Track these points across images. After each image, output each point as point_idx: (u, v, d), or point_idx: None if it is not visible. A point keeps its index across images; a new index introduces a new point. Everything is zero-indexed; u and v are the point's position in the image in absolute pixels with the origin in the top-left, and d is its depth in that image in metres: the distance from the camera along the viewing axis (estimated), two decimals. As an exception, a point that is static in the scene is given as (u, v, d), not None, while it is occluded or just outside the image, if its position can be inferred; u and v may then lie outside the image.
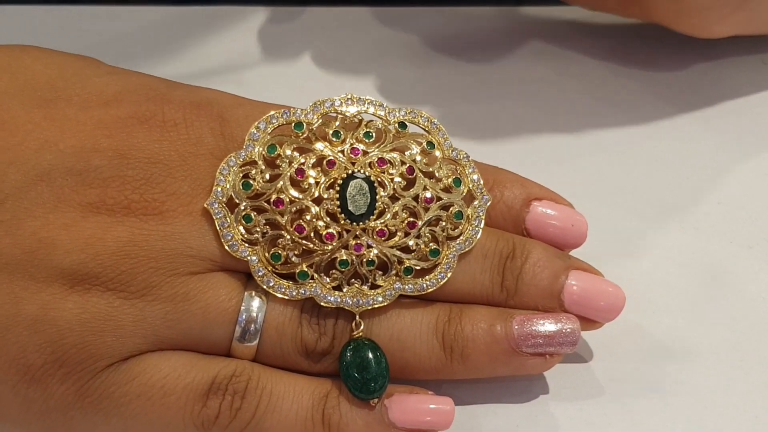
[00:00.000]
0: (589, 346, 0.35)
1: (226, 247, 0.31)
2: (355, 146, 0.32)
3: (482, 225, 0.33)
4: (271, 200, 0.31)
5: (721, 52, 0.46)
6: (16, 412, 0.31)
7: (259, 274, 0.31)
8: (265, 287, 0.31)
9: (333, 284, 0.32)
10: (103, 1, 0.46)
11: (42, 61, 0.34)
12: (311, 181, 0.32)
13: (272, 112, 0.33)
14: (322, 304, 0.32)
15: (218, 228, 0.31)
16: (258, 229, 0.31)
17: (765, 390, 0.34)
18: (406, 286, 0.32)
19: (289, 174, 0.32)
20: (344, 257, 0.31)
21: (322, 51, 0.45)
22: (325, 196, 0.31)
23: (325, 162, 0.32)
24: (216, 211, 0.31)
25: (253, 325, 0.31)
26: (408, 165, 0.32)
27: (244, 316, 0.31)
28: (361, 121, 0.33)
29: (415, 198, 0.32)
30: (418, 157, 0.32)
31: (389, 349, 0.32)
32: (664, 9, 0.41)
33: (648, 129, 0.43)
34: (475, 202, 0.33)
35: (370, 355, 0.31)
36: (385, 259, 0.32)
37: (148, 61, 0.35)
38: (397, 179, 0.32)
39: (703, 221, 0.39)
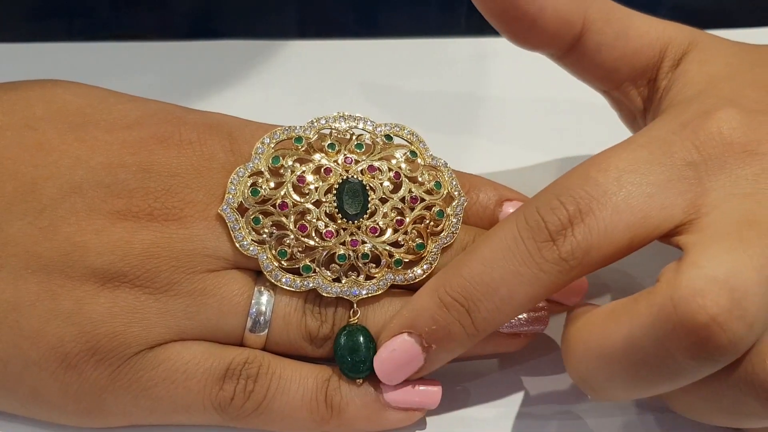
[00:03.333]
0: (558, 329, 0.35)
1: (238, 247, 0.32)
2: (348, 156, 0.33)
3: (461, 223, 0.34)
4: (277, 204, 0.32)
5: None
6: (56, 395, 0.31)
7: (268, 269, 0.32)
8: (273, 281, 0.32)
9: (333, 276, 0.33)
10: (119, 38, 0.47)
11: (71, 92, 0.34)
12: (311, 186, 0.32)
13: (275, 129, 0.33)
14: (323, 294, 0.32)
15: (231, 230, 0.32)
16: (266, 230, 0.32)
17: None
18: (397, 277, 0.33)
19: (291, 181, 0.33)
20: (342, 252, 0.32)
21: (316, 78, 0.45)
22: (324, 199, 0.32)
23: (322, 170, 0.33)
24: (228, 215, 0.32)
25: (262, 317, 0.32)
26: (395, 171, 0.33)
27: (254, 309, 0.32)
28: (352, 135, 0.34)
29: (402, 199, 0.33)
30: (403, 165, 0.33)
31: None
32: None
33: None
34: (454, 203, 0.34)
35: (362, 340, 0.32)
36: (377, 253, 0.33)
37: (162, 93, 0.36)
38: (386, 183, 0.33)
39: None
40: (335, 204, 0.32)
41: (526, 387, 0.34)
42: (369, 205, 0.33)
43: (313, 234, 0.32)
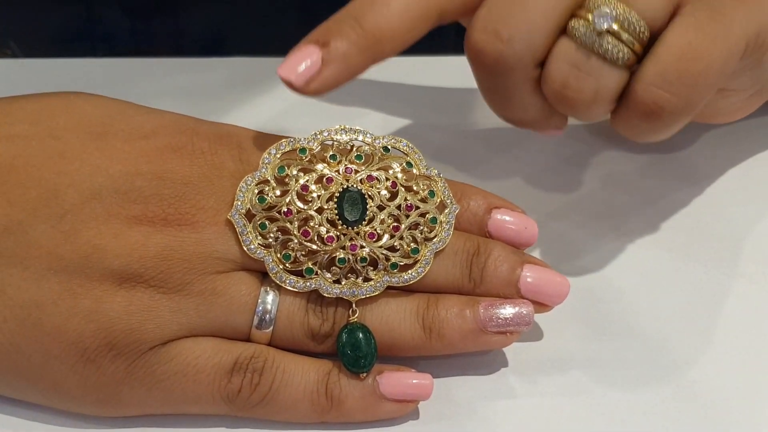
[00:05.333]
0: (541, 327, 0.36)
1: (246, 250, 0.32)
2: (348, 166, 0.33)
3: (452, 229, 0.34)
4: (282, 211, 0.32)
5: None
6: (75, 387, 0.31)
7: (273, 271, 0.32)
8: (278, 282, 0.32)
9: (333, 278, 0.32)
10: (135, 54, 0.46)
11: (92, 103, 0.34)
12: (314, 195, 0.32)
13: (281, 141, 0.33)
14: (324, 295, 0.32)
15: (239, 235, 0.32)
16: (271, 235, 0.32)
17: (686, 365, 0.35)
18: (393, 279, 0.33)
19: (296, 189, 0.32)
20: (342, 256, 0.32)
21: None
22: (326, 206, 0.32)
23: (324, 179, 0.32)
24: (237, 221, 0.32)
25: (268, 315, 0.32)
26: (391, 181, 0.33)
27: (260, 308, 0.32)
28: (352, 146, 0.33)
29: (398, 207, 0.33)
30: (400, 174, 0.33)
31: (379, 331, 0.33)
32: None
33: (594, 152, 0.44)
34: (447, 210, 0.34)
35: (361, 337, 0.32)
36: (375, 256, 0.33)
37: (176, 106, 0.36)
38: (383, 192, 0.33)
39: (632, 229, 0.40)
40: (336, 211, 0.32)
41: (512, 381, 0.34)
42: (367, 213, 0.32)
43: (316, 239, 0.32)
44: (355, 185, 0.33)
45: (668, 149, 0.44)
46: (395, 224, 0.33)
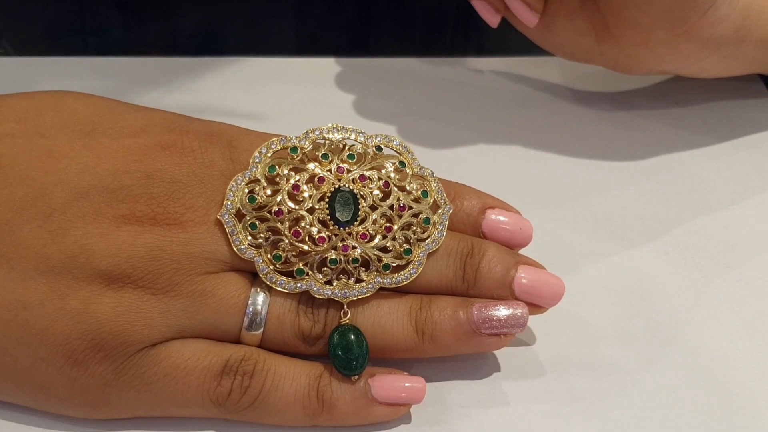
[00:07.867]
0: (534, 331, 0.35)
1: (236, 251, 0.31)
2: (340, 166, 0.32)
3: (446, 229, 0.33)
4: (273, 211, 0.31)
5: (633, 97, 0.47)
6: (62, 389, 0.30)
7: (264, 272, 0.31)
8: (268, 283, 0.31)
9: (325, 279, 0.32)
10: (130, 53, 0.46)
11: (81, 101, 0.34)
12: (305, 194, 0.32)
13: (272, 139, 0.33)
14: (316, 296, 0.32)
15: (229, 235, 0.31)
16: (262, 235, 0.31)
17: (681, 370, 0.34)
18: (385, 280, 0.32)
19: (286, 189, 0.32)
20: (333, 256, 0.32)
21: (312, 92, 0.45)
22: (317, 206, 0.31)
23: (316, 179, 0.32)
24: (227, 221, 0.31)
25: (258, 316, 0.31)
26: (384, 180, 0.32)
27: (251, 309, 0.31)
28: (345, 145, 0.33)
29: (391, 207, 0.32)
30: (392, 174, 0.32)
31: (371, 333, 0.32)
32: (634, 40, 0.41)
33: (594, 152, 0.44)
34: (440, 210, 0.33)
35: (353, 339, 0.31)
36: (367, 257, 0.32)
37: (167, 104, 0.36)
38: (376, 192, 0.32)
39: (628, 232, 0.40)
40: (328, 211, 0.31)
41: (505, 386, 0.34)
42: (359, 213, 0.32)
43: (307, 239, 0.31)
44: (347, 185, 0.32)
45: (666, 152, 0.43)
46: (388, 224, 0.32)
